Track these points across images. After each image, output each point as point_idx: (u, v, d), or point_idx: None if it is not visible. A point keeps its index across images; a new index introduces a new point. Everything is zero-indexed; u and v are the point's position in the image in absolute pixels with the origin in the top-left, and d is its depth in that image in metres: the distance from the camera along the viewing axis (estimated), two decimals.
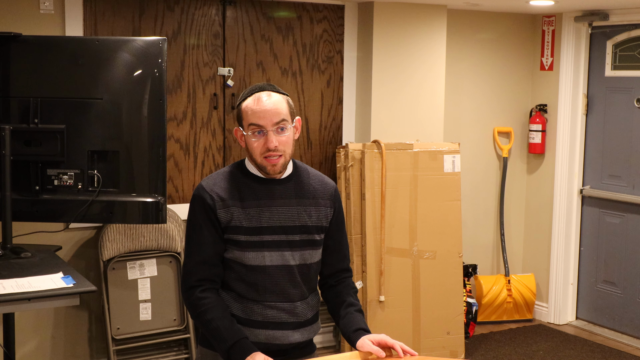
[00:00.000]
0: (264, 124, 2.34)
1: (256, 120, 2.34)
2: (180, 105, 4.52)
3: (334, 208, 2.50)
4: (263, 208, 2.37)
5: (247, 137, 2.37)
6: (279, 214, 2.38)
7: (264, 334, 2.37)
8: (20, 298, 2.91)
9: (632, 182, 5.24)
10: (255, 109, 2.34)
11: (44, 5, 4.05)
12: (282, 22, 4.76)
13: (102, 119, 3.56)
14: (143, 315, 4.25)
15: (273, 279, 2.37)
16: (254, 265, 2.36)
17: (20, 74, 3.58)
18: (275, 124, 2.34)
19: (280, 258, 2.37)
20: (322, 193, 2.47)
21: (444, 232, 4.78)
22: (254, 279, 2.36)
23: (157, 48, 3.57)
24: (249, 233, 2.34)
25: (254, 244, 2.35)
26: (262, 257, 2.35)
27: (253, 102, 2.36)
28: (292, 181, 2.43)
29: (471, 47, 5.47)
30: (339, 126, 5.02)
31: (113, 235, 4.14)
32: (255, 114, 2.34)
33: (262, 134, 2.34)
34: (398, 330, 4.62)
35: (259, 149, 2.35)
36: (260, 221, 2.36)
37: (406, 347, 2.33)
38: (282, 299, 2.39)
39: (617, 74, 5.26)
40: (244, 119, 2.37)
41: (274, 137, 2.33)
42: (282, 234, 2.38)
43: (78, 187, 3.57)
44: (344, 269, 2.56)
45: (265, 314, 2.37)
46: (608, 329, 5.42)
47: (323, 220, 2.46)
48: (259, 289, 2.36)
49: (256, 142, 2.35)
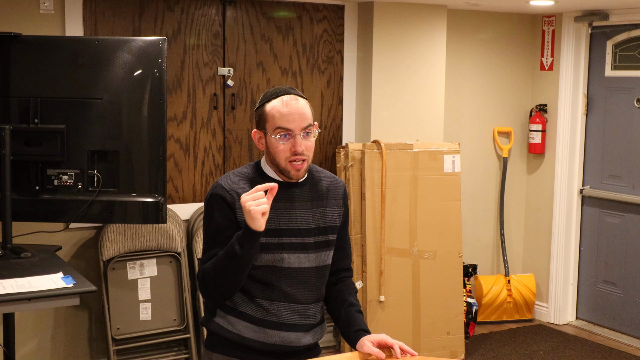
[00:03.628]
0: (292, 127, 2.28)
1: (284, 123, 2.28)
2: (180, 105, 4.52)
3: (344, 207, 2.50)
4: (282, 211, 2.34)
5: (272, 140, 2.31)
6: (297, 216, 2.37)
7: (278, 336, 2.36)
8: (20, 298, 2.91)
9: (632, 182, 5.24)
10: (284, 112, 2.28)
11: (44, 5, 4.05)
12: (282, 22, 4.76)
13: (102, 119, 3.56)
14: (143, 315, 4.25)
15: (290, 281, 2.36)
16: (271, 267, 2.34)
17: (20, 74, 3.58)
18: (303, 129, 2.29)
19: (297, 260, 2.36)
20: (334, 193, 2.47)
21: (444, 232, 4.78)
22: (270, 280, 2.34)
23: (157, 48, 3.57)
24: (268, 235, 2.31)
25: (273, 246, 2.32)
26: (281, 259, 2.33)
27: (281, 105, 2.30)
28: (307, 184, 2.41)
29: (471, 47, 5.47)
30: (339, 126, 5.02)
31: (113, 235, 4.13)
32: (284, 117, 2.28)
33: (289, 137, 2.29)
34: (398, 330, 4.62)
35: (285, 153, 2.30)
36: (279, 224, 2.33)
37: (406, 347, 2.33)
38: (298, 301, 2.38)
39: (617, 74, 5.26)
40: (269, 121, 2.30)
41: (301, 142, 2.29)
42: (300, 236, 2.36)
43: (78, 187, 3.57)
44: (345, 268, 2.55)
45: (280, 315, 2.35)
46: (608, 329, 5.42)
47: (337, 220, 2.46)
48: (275, 291, 2.35)
49: (282, 146, 2.29)
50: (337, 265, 2.52)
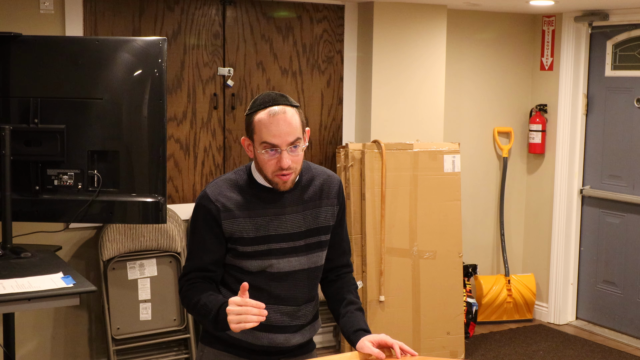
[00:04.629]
0: (278, 143, 2.22)
1: (270, 139, 2.22)
2: (180, 105, 4.52)
3: (339, 205, 2.46)
4: (271, 217, 2.32)
5: (259, 153, 2.27)
6: (287, 221, 2.34)
7: (266, 338, 2.36)
8: (20, 298, 2.91)
9: (632, 182, 5.24)
10: (270, 127, 2.22)
11: (44, 5, 4.05)
12: (282, 22, 4.76)
13: (102, 119, 3.56)
14: (143, 315, 4.25)
15: (280, 284, 2.35)
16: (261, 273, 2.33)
17: (20, 74, 3.58)
18: (289, 144, 2.24)
19: (288, 264, 2.34)
20: (327, 192, 2.43)
21: (444, 232, 4.78)
22: (260, 285, 2.34)
23: (157, 48, 3.57)
24: (256, 243, 2.30)
25: (261, 253, 2.31)
26: (270, 265, 2.32)
27: (267, 118, 2.22)
28: (298, 187, 2.38)
29: (471, 47, 5.47)
30: (339, 126, 5.02)
31: (113, 235, 4.13)
32: (270, 132, 2.21)
33: (275, 152, 2.24)
34: (398, 330, 4.62)
35: (272, 167, 2.26)
36: (268, 230, 2.31)
37: (406, 347, 2.32)
38: (287, 303, 2.37)
39: (617, 74, 5.26)
40: (256, 133, 2.25)
41: (287, 157, 2.24)
42: (290, 240, 2.34)
43: (78, 187, 3.57)
44: (344, 264, 2.53)
45: (269, 318, 2.33)
46: (608, 329, 5.42)
47: (330, 220, 2.43)
48: (265, 294, 2.34)
49: (269, 161, 2.26)
50: (336, 262, 2.51)
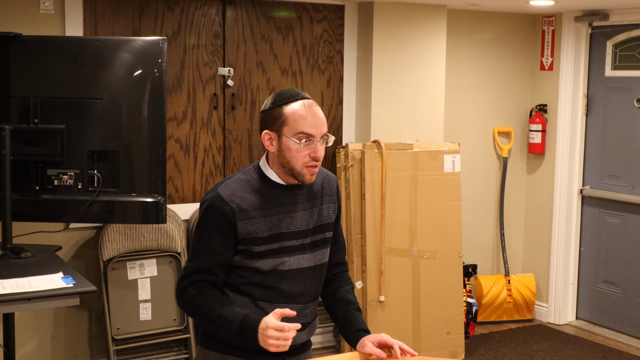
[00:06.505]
0: (315, 133, 2.27)
1: (308, 129, 2.26)
2: (180, 105, 4.52)
3: (337, 202, 2.50)
4: (284, 215, 2.34)
5: (290, 144, 2.28)
6: (298, 219, 2.36)
7: None
8: (20, 298, 2.91)
9: (632, 182, 5.24)
10: (308, 118, 2.27)
11: (44, 5, 4.05)
12: (282, 22, 4.76)
13: (102, 119, 3.56)
14: (143, 315, 4.25)
15: (290, 282, 2.36)
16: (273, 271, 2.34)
17: (20, 74, 3.58)
18: (323, 135, 2.30)
19: (297, 262, 2.36)
20: (328, 190, 2.47)
21: (444, 232, 4.78)
22: (271, 283, 2.34)
23: (157, 48, 3.57)
24: (269, 241, 2.31)
25: (274, 252, 2.32)
26: (282, 262, 2.33)
27: (304, 110, 2.27)
28: (305, 185, 2.40)
29: (471, 47, 5.47)
30: (339, 126, 5.02)
31: (113, 235, 4.14)
32: (307, 122, 2.26)
33: (309, 143, 2.29)
34: (398, 330, 4.62)
35: (304, 158, 2.28)
36: (280, 228, 2.33)
37: (406, 346, 2.33)
38: (296, 301, 2.38)
39: (617, 74, 5.26)
40: (289, 124, 2.27)
41: (321, 148, 2.30)
42: (300, 238, 2.36)
43: (78, 187, 3.57)
44: (340, 262, 2.55)
45: None
46: (608, 329, 5.42)
47: (332, 216, 2.46)
48: (275, 292, 2.35)
49: (301, 151, 2.28)
50: (332, 259, 2.52)
